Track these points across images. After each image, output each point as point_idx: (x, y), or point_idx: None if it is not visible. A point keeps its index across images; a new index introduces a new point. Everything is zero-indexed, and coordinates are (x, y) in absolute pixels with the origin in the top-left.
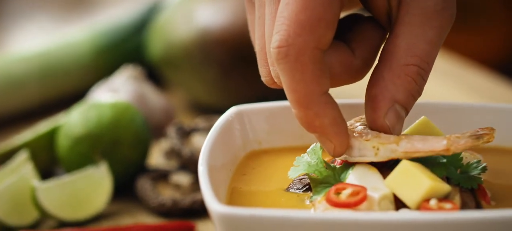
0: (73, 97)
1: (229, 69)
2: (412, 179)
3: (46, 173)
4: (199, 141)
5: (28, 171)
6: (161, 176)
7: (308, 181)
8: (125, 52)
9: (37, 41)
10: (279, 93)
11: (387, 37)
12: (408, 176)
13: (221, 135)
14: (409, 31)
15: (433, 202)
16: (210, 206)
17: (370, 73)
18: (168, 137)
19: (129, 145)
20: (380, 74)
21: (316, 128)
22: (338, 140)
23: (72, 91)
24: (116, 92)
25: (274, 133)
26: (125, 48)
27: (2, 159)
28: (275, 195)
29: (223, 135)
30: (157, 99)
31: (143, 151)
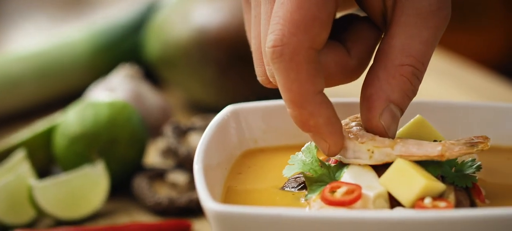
0: (71, 97)
1: (226, 68)
2: (407, 178)
3: (43, 172)
4: (196, 140)
5: (25, 169)
6: (158, 175)
7: (303, 180)
8: (122, 51)
9: (35, 41)
10: (276, 93)
11: (382, 37)
12: (403, 175)
13: (216, 134)
14: (404, 31)
15: (427, 201)
16: (205, 205)
17: (365, 73)
18: (165, 136)
19: (125, 144)
20: (375, 74)
21: (311, 127)
22: (332, 140)
23: (69, 90)
24: (113, 92)
25: (270, 132)
26: (123, 48)
27: None
28: (271, 194)
29: (219, 133)
30: (154, 98)
31: (140, 150)
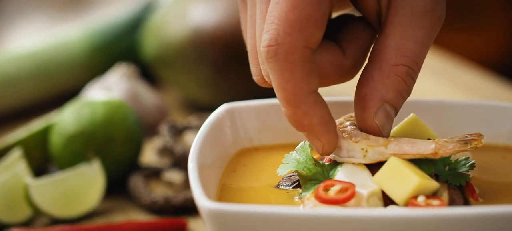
0: (67, 96)
1: (223, 68)
2: (401, 176)
3: (39, 171)
4: (192, 139)
5: (22, 168)
6: (154, 174)
7: (298, 178)
8: (119, 51)
9: (32, 40)
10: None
11: (377, 37)
12: (396, 173)
13: (211, 132)
14: (398, 31)
15: (421, 199)
16: (199, 202)
17: (360, 73)
18: (161, 135)
19: (121, 142)
20: (369, 74)
21: (305, 126)
22: (326, 139)
23: (66, 89)
24: (110, 91)
25: (265, 130)
26: (119, 47)
27: None
28: (265, 192)
29: (214, 132)
30: (151, 97)
31: (136, 148)
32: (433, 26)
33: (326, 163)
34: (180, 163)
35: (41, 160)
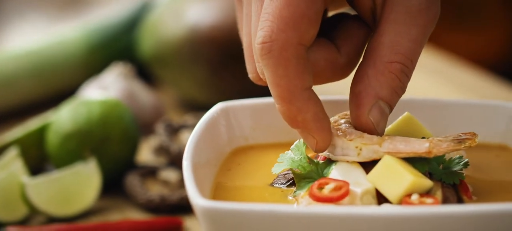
0: (64, 95)
1: (219, 66)
2: (395, 174)
3: (35, 169)
4: (188, 138)
5: (18, 167)
6: (150, 173)
7: (292, 176)
8: (115, 50)
9: (29, 39)
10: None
11: (371, 35)
12: (390, 171)
13: (206, 131)
14: (393, 29)
15: (414, 197)
16: (193, 201)
17: (354, 71)
18: (157, 133)
19: (118, 141)
20: (364, 71)
21: (299, 123)
22: (320, 136)
23: (63, 88)
24: (106, 90)
25: (260, 129)
26: (116, 46)
27: None
28: (260, 190)
29: (209, 131)
30: (147, 96)
31: (132, 147)
32: (428, 24)
33: (320, 161)
34: (176, 162)
35: (38, 158)
